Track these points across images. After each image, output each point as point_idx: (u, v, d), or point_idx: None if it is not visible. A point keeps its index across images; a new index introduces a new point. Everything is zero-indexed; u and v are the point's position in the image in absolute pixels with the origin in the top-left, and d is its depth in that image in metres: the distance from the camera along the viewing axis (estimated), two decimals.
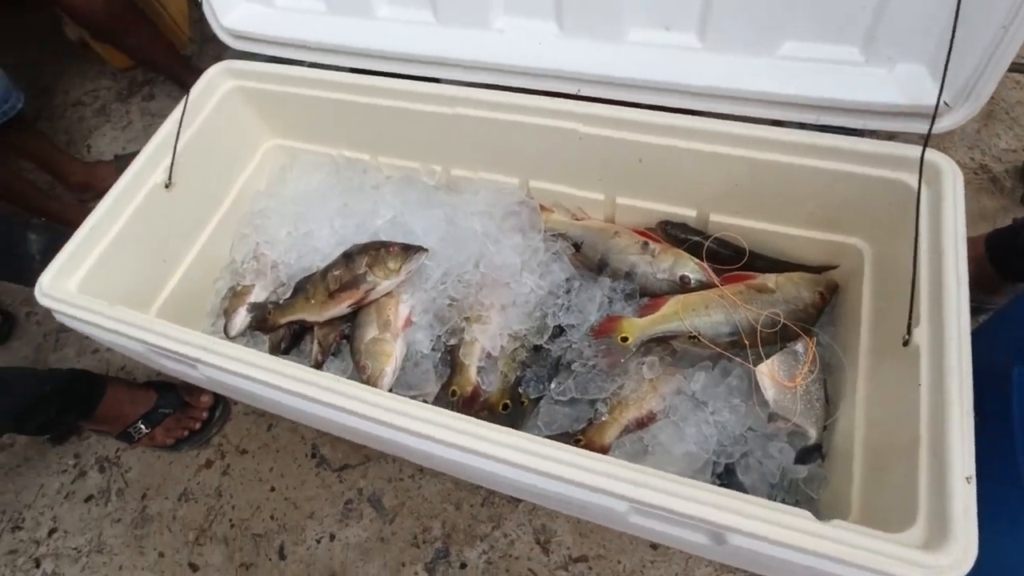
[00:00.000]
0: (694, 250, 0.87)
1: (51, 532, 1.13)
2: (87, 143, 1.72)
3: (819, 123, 0.73)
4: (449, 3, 0.81)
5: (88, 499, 1.15)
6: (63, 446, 1.21)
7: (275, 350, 0.97)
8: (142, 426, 1.13)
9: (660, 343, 0.82)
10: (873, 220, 0.76)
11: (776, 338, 0.79)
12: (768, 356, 0.77)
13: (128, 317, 0.73)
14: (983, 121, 1.30)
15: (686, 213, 0.88)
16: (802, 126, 0.77)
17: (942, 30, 0.64)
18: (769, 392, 0.76)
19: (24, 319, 1.40)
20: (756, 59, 0.72)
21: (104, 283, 0.83)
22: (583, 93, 0.80)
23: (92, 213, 0.83)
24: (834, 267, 0.86)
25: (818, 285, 0.83)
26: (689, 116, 0.76)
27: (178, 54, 1.60)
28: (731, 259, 0.87)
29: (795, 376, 0.76)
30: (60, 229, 0.81)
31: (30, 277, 1.09)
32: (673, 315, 0.81)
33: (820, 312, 0.83)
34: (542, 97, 0.81)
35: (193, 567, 1.04)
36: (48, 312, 0.78)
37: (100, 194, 1.51)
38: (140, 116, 1.75)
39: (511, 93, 0.83)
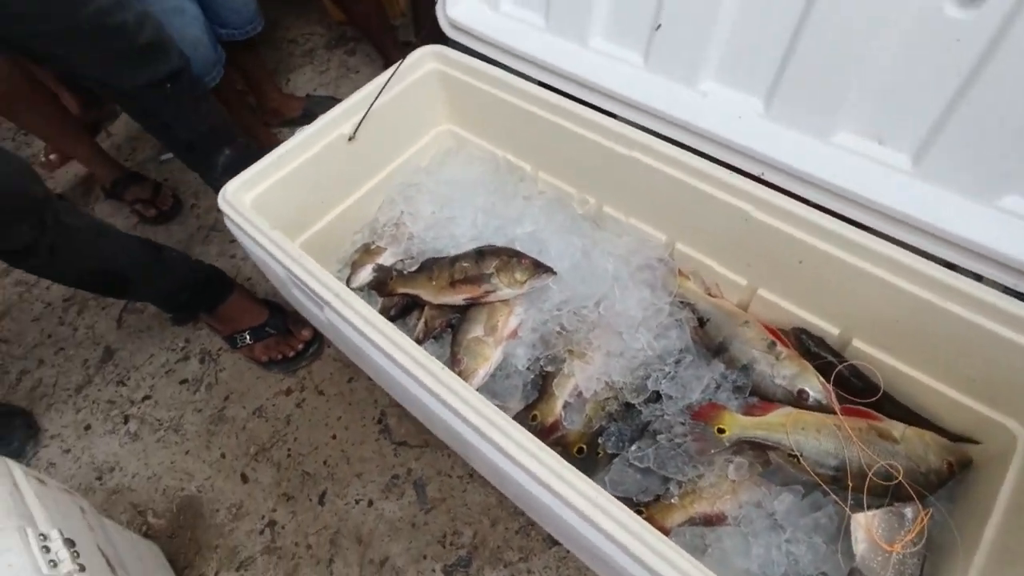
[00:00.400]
0: (824, 369, 0.82)
1: (145, 398, 1.25)
2: (288, 77, 1.91)
3: (1016, 289, 0.66)
4: (663, 53, 0.82)
5: (183, 382, 1.26)
6: (180, 328, 1.34)
7: (384, 314, 1.02)
8: (248, 336, 1.23)
9: (755, 448, 0.78)
10: None
11: (886, 492, 0.72)
12: (870, 508, 0.71)
13: (283, 243, 0.80)
14: None
15: (828, 329, 0.83)
16: (978, 278, 0.70)
17: None
18: (860, 545, 0.69)
19: (188, 209, 1.57)
20: (970, 202, 0.67)
21: (271, 205, 0.91)
22: (764, 177, 0.78)
23: (285, 143, 0.92)
24: (976, 442, 0.77)
25: (949, 454, 0.75)
26: (870, 235, 0.72)
27: (389, 24, 1.74)
28: (860, 391, 0.81)
29: (895, 540, 0.69)
30: (252, 151, 0.92)
31: (210, 180, 1.23)
32: (779, 426, 0.77)
33: (942, 484, 0.75)
34: (722, 168, 0.79)
35: (244, 478, 1.12)
36: (208, 210, 0.87)
37: (285, 122, 1.70)
38: (337, 66, 1.91)
39: (691, 154, 0.82)
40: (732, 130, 0.78)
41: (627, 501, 0.79)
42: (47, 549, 0.65)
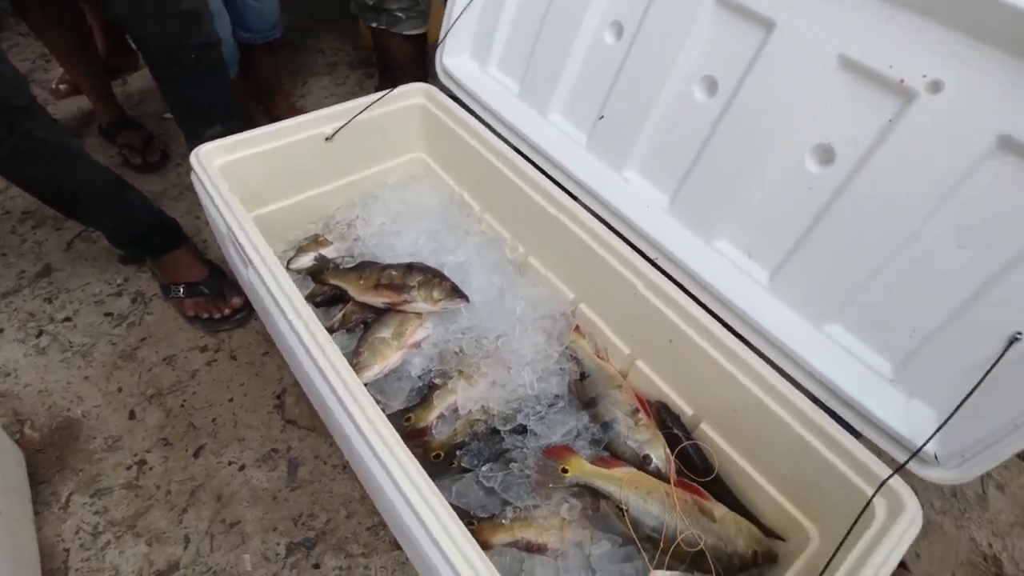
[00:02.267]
0: (672, 442, 0.91)
1: (65, 319, 1.29)
2: (306, 80, 2.06)
3: (825, 403, 0.77)
4: (601, 138, 0.96)
5: (108, 314, 1.31)
6: (124, 267, 1.39)
7: (310, 299, 1.10)
8: (181, 290, 1.30)
9: (592, 495, 0.86)
10: (831, 519, 0.77)
11: (686, 559, 0.80)
12: (671, 569, 0.78)
13: (230, 199, 0.89)
14: None
15: (684, 408, 0.93)
16: (802, 389, 0.80)
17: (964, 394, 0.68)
18: None
19: (172, 166, 1.67)
20: (805, 323, 0.79)
21: (239, 174, 1.00)
22: (658, 262, 0.90)
23: (272, 124, 1.03)
24: (782, 539, 0.86)
25: (758, 544, 0.83)
26: (727, 330, 0.83)
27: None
28: (698, 470, 0.90)
29: None
30: (238, 131, 1.01)
31: (192, 145, 1.34)
32: (617, 480, 0.85)
33: (744, 569, 0.82)
34: (625, 245, 0.92)
35: (132, 414, 1.15)
36: (189, 171, 0.97)
37: None
38: (354, 84, 2.07)
39: (604, 227, 0.94)
40: (640, 216, 0.91)
41: (464, 512, 0.86)
42: None
